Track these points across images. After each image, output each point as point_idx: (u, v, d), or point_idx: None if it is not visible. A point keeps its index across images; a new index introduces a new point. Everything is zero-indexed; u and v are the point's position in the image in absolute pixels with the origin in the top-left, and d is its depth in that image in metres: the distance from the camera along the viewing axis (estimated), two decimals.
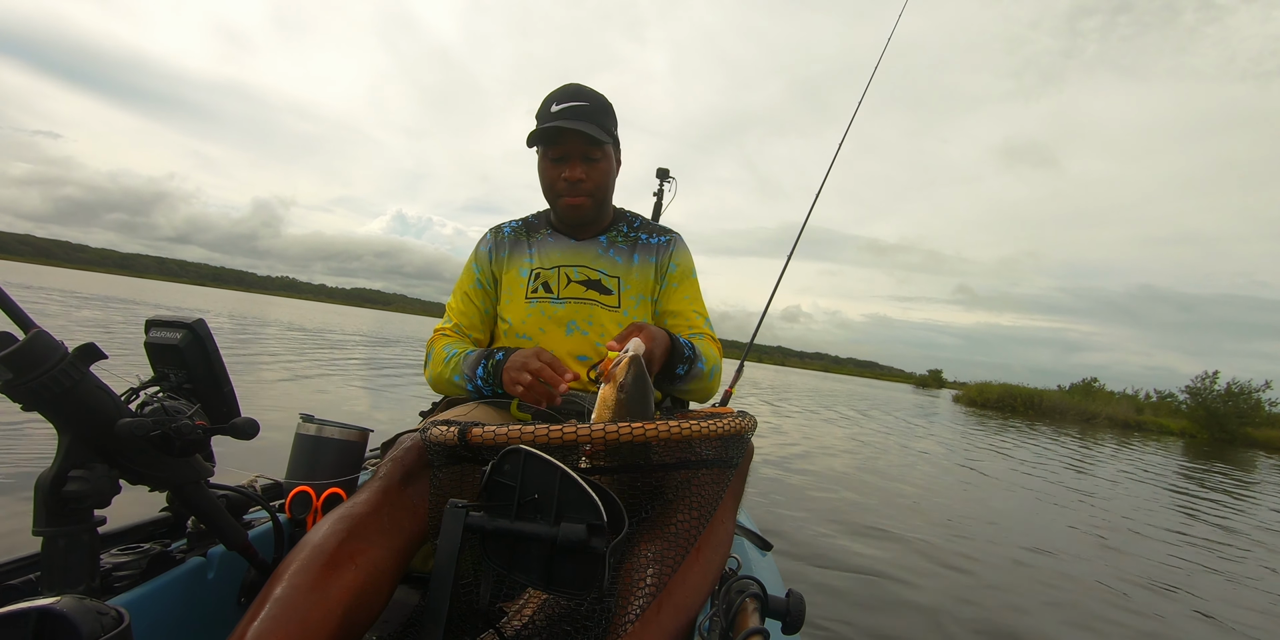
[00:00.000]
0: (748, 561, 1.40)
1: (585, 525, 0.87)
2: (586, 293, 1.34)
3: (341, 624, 0.72)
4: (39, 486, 0.73)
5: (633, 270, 1.37)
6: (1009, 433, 13.98)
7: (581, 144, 1.24)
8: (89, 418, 0.73)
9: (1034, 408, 30.41)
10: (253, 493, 1.06)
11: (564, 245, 1.38)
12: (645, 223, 1.47)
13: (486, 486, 0.84)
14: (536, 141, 1.26)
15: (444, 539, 0.88)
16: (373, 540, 0.80)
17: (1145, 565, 3.50)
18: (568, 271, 1.35)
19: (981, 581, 2.78)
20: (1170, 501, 6.16)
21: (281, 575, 0.73)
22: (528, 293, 1.34)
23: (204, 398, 0.97)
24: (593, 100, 1.27)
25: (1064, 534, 4.12)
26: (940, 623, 2.25)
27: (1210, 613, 2.81)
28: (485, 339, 1.41)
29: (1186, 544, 4.26)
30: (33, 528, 0.74)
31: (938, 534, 3.59)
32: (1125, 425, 28.59)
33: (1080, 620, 2.48)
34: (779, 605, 0.76)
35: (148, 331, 0.98)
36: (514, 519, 0.88)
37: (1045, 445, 11.52)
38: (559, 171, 1.28)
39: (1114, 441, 16.34)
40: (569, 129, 1.21)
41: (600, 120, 1.26)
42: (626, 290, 1.35)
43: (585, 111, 1.25)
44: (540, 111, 1.27)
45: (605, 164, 1.30)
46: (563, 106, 1.24)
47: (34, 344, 0.68)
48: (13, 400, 0.69)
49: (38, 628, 0.50)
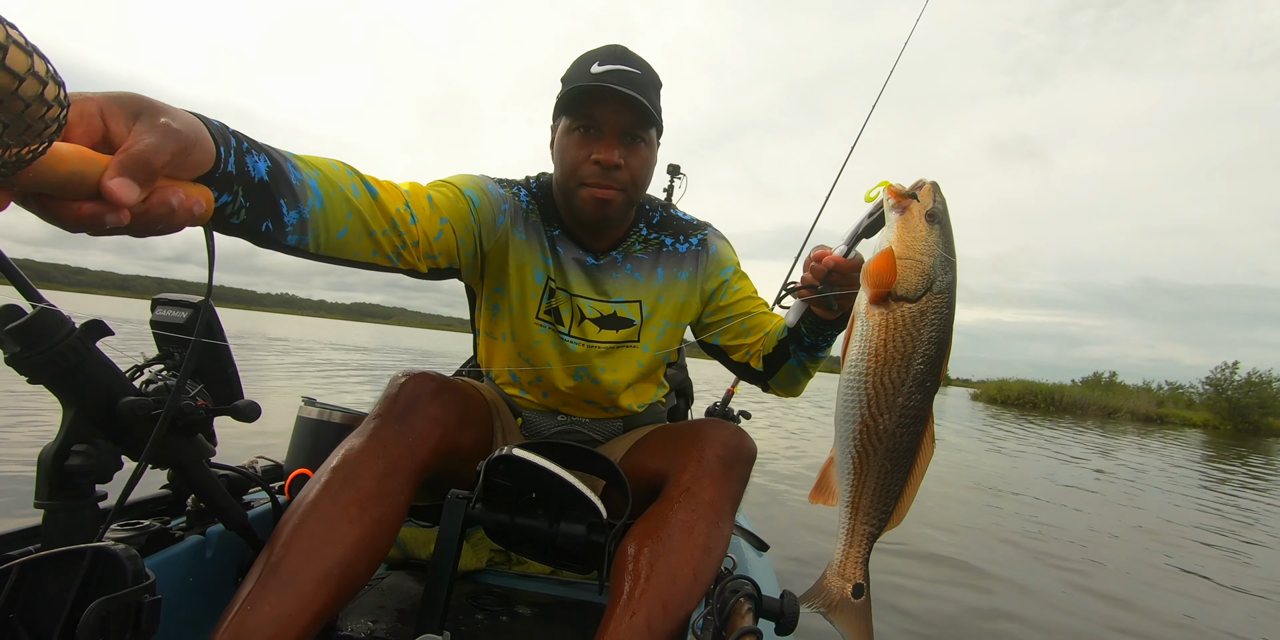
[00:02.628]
0: (744, 561, 1.40)
1: (585, 525, 0.87)
2: (602, 333, 1.08)
3: (340, 580, 0.73)
4: (41, 460, 0.74)
5: (657, 290, 1.10)
6: (1046, 430, 13.85)
7: (627, 119, 0.94)
8: (93, 393, 0.74)
9: (1055, 404, 29.94)
10: (253, 474, 1.06)
11: (576, 268, 1.07)
12: (666, 217, 1.14)
13: (485, 485, 0.84)
14: (565, 107, 0.96)
15: (444, 529, 0.89)
16: (367, 487, 0.80)
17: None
18: (580, 305, 1.07)
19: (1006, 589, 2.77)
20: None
21: (278, 538, 0.74)
22: (539, 311, 1.07)
23: (208, 378, 0.98)
24: (644, 69, 0.97)
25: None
26: (942, 624, 2.25)
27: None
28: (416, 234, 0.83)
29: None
30: (34, 500, 0.74)
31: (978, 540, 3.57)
32: (1146, 419, 28.12)
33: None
34: (773, 606, 0.75)
35: (154, 310, 0.99)
36: (514, 515, 0.88)
37: (1095, 440, 11.37)
38: (588, 150, 0.95)
39: (1157, 436, 16.26)
40: (615, 92, 0.91)
41: (650, 96, 0.96)
42: (649, 319, 1.10)
43: (636, 80, 0.94)
44: (574, 72, 0.97)
45: (647, 152, 0.99)
46: (607, 68, 0.93)
47: (42, 318, 0.68)
48: (19, 373, 0.69)
49: (91, 563, 0.59)
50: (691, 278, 1.12)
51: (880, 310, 0.67)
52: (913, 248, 0.67)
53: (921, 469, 0.70)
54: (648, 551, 0.80)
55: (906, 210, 0.69)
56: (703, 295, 1.14)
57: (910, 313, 0.66)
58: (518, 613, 1.12)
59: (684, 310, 1.13)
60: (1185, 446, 13.42)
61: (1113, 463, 8.68)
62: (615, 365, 1.11)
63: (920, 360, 0.67)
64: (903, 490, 0.70)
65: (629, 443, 1.14)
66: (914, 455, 0.69)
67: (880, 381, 0.67)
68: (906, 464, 0.69)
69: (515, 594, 1.20)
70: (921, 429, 0.69)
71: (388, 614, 1.04)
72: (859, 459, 0.69)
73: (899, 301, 0.67)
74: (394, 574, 1.21)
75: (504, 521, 0.88)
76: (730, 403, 1.92)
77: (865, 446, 0.68)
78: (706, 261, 1.13)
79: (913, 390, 0.67)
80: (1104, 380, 37.87)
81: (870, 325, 0.68)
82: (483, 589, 1.21)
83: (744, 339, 1.13)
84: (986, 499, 4.84)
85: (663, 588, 0.76)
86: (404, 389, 0.93)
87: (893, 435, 0.67)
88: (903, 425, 0.67)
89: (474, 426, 1.02)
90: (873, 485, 0.69)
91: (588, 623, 1.10)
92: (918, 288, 0.66)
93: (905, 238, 0.68)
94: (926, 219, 0.68)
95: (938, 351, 0.67)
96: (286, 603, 0.69)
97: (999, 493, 5.16)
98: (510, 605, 1.14)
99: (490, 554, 1.30)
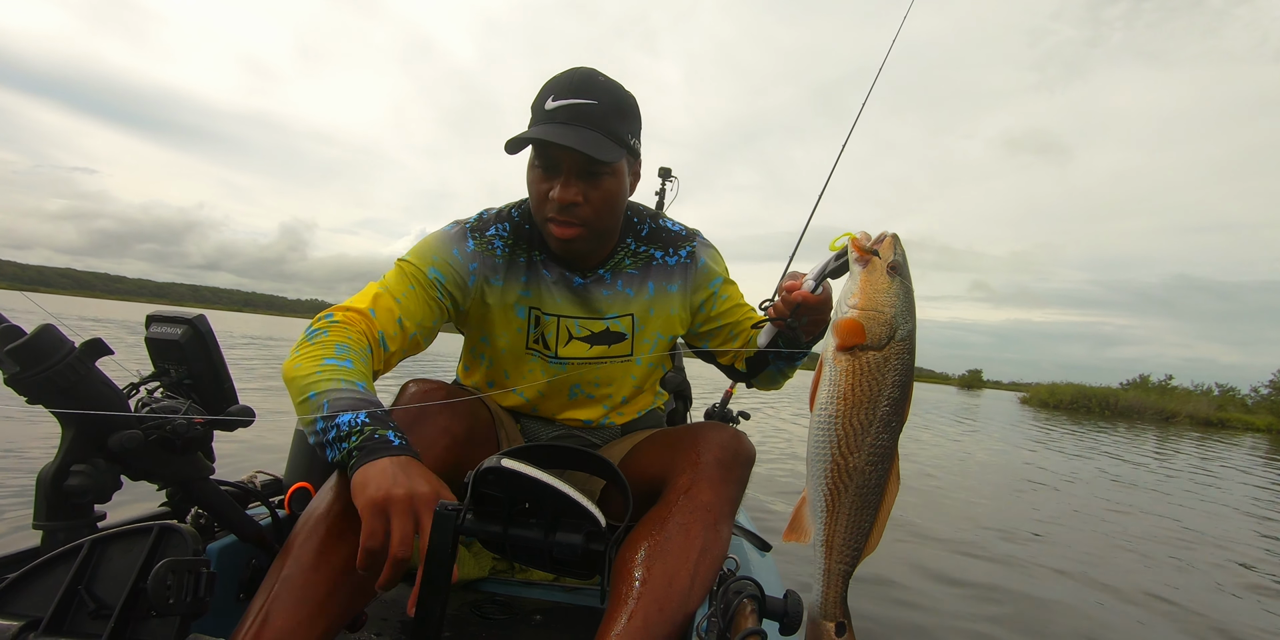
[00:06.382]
0: (746, 562, 1.40)
1: (582, 534, 0.87)
2: (591, 350, 1.09)
3: (350, 594, 0.74)
4: (40, 480, 0.73)
5: (647, 304, 1.10)
6: (1119, 439, 13.03)
7: (581, 157, 0.92)
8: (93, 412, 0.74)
9: (1109, 408, 29.51)
10: (252, 488, 1.06)
11: (563, 287, 1.07)
12: (654, 230, 1.13)
13: (474, 496, 0.84)
14: (513, 147, 0.93)
15: (434, 543, 0.88)
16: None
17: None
18: (568, 325, 1.07)
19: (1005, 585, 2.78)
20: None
21: (289, 550, 0.75)
22: (529, 341, 1.08)
23: (204, 393, 0.98)
24: (604, 97, 0.94)
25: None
26: (941, 625, 2.25)
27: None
28: (394, 357, 0.97)
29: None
30: (33, 521, 0.74)
31: (983, 536, 3.58)
32: (1206, 423, 27.55)
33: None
34: (777, 606, 0.76)
35: (148, 326, 0.99)
36: (506, 526, 0.88)
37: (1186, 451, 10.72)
38: (548, 186, 0.95)
39: (1250, 445, 15.56)
40: (561, 137, 0.89)
41: (610, 126, 0.94)
42: (641, 331, 1.11)
43: (590, 113, 0.92)
44: (536, 102, 0.96)
45: (612, 183, 0.96)
46: (560, 104, 0.92)
47: (42, 338, 0.68)
48: (19, 393, 0.69)
49: (156, 539, 0.63)
50: (681, 289, 1.13)
51: (847, 356, 0.72)
52: (875, 300, 0.73)
53: (888, 506, 0.75)
54: (645, 555, 0.80)
55: (869, 263, 0.74)
56: (692, 307, 1.16)
57: (875, 359, 0.72)
58: (521, 621, 1.12)
59: (674, 322, 1.14)
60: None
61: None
62: (609, 379, 1.13)
63: (885, 402, 0.72)
64: (872, 527, 0.74)
65: (627, 446, 1.14)
66: (881, 492, 0.74)
67: (849, 423, 0.72)
68: (875, 501, 0.73)
69: (518, 602, 1.20)
70: (888, 467, 0.74)
71: (390, 627, 1.04)
72: (831, 497, 0.73)
73: (864, 350, 0.72)
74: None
75: (496, 533, 0.87)
76: (730, 403, 1.93)
77: (837, 484, 0.73)
78: (695, 274, 1.14)
79: (879, 430, 0.72)
80: (1154, 383, 37.00)
81: (838, 370, 0.73)
82: (486, 598, 1.21)
83: (732, 345, 1.18)
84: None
85: (659, 590, 0.77)
86: (414, 398, 0.96)
87: (863, 473, 0.72)
88: (871, 463, 0.72)
89: (480, 436, 1.04)
90: (844, 522, 0.73)
91: (591, 629, 1.10)
92: (881, 337, 0.72)
93: (869, 290, 0.73)
94: (889, 272, 0.73)
95: (901, 394, 0.73)
96: (298, 614, 0.69)
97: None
98: (514, 613, 1.14)
99: (493, 562, 1.30)
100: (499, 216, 1.09)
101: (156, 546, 0.63)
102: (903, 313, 0.72)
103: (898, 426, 0.73)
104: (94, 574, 0.63)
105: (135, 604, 0.60)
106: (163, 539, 0.64)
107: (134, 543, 0.64)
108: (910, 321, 0.73)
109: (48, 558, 0.63)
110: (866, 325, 0.71)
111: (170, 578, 0.58)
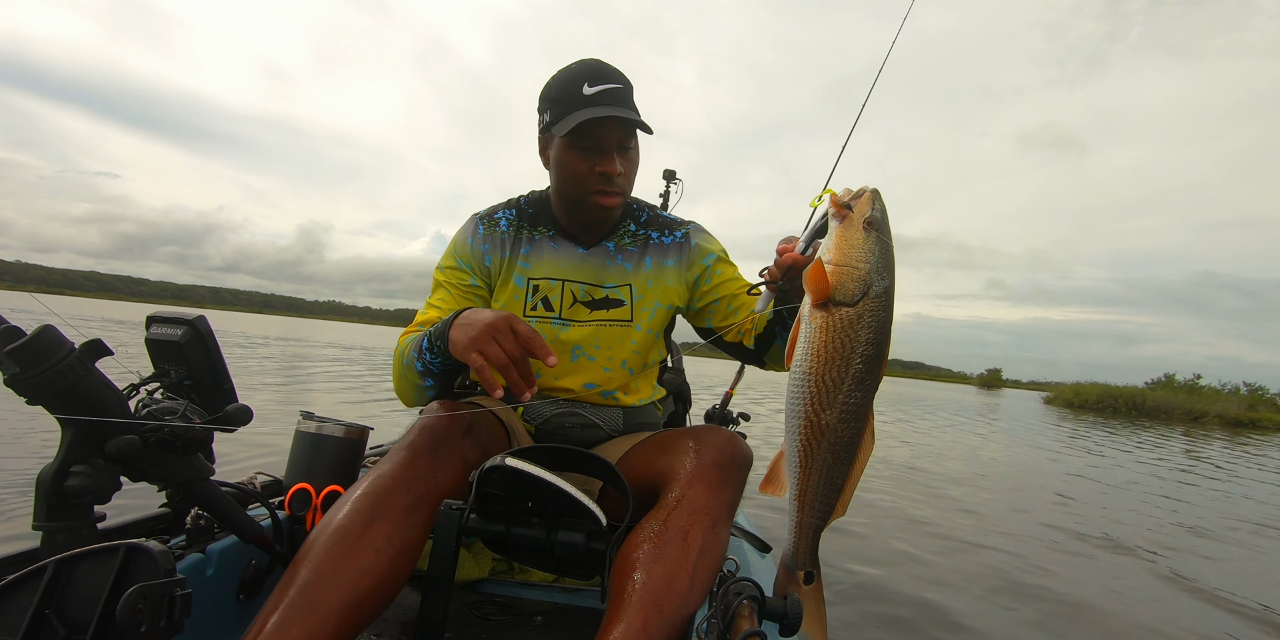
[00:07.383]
0: (746, 563, 1.40)
1: (584, 533, 0.87)
2: (593, 314, 1.19)
3: (362, 607, 0.75)
4: (40, 481, 0.73)
5: (646, 276, 1.22)
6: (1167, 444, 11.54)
7: (623, 134, 1.07)
8: (92, 413, 0.74)
9: (1137, 408, 28.32)
10: (252, 489, 1.06)
11: (568, 255, 1.20)
12: (653, 216, 1.28)
13: (478, 494, 0.84)
14: (570, 131, 1.04)
15: (438, 541, 0.89)
16: (395, 517, 0.82)
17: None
18: (573, 289, 1.19)
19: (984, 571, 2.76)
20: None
21: (304, 559, 0.76)
22: (525, 309, 1.19)
23: (203, 394, 0.98)
24: (624, 81, 1.09)
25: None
26: (943, 625, 2.25)
27: None
28: None
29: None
30: (33, 522, 0.74)
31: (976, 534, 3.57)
32: (1237, 423, 26.14)
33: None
34: (776, 607, 0.76)
35: (148, 327, 0.99)
36: (509, 525, 0.88)
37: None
38: (590, 164, 1.08)
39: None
40: (616, 116, 1.03)
41: (633, 103, 1.10)
42: (640, 300, 1.21)
43: (623, 94, 1.07)
44: (566, 92, 1.07)
45: (636, 154, 1.14)
46: (599, 89, 1.05)
47: (41, 338, 0.68)
48: (18, 394, 0.69)
49: (124, 559, 0.61)
50: (677, 265, 1.23)
51: (821, 313, 0.72)
52: (849, 255, 0.72)
53: (861, 464, 0.75)
54: (643, 557, 0.80)
55: (846, 218, 0.73)
56: (688, 282, 1.25)
57: (848, 316, 0.71)
58: (521, 622, 1.12)
59: (672, 293, 1.23)
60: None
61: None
62: (610, 342, 1.20)
63: (859, 360, 0.71)
64: (844, 484, 0.75)
65: (625, 448, 1.14)
66: (855, 450, 0.74)
67: (822, 380, 0.72)
68: (848, 458, 0.74)
69: (518, 603, 1.20)
70: (862, 425, 0.73)
71: (390, 627, 1.04)
72: (804, 453, 0.74)
73: (838, 306, 0.71)
74: None
75: (500, 532, 0.88)
76: (729, 405, 1.93)
77: (810, 440, 0.73)
78: (689, 252, 1.24)
79: (852, 388, 0.72)
80: (1180, 382, 36.30)
81: (812, 327, 0.72)
82: (485, 599, 1.21)
83: (733, 318, 1.21)
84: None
85: (658, 592, 0.77)
86: (439, 424, 0.97)
87: (835, 430, 0.72)
88: (844, 421, 0.72)
89: (494, 453, 1.04)
90: (817, 478, 0.74)
91: (591, 630, 1.09)
92: (855, 293, 0.71)
93: (843, 245, 0.72)
94: (865, 227, 0.72)
95: (876, 352, 0.72)
96: (311, 625, 0.70)
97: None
98: (513, 614, 1.14)
99: (492, 563, 1.30)
100: (507, 204, 1.26)
101: (125, 568, 0.61)
102: (878, 269, 0.71)
103: (873, 385, 0.73)
104: (62, 595, 0.61)
105: (106, 630, 0.58)
106: (131, 559, 0.62)
107: (102, 563, 0.62)
108: (887, 278, 0.72)
109: (11, 580, 0.61)
110: (838, 279, 0.71)
111: (142, 603, 0.56)
